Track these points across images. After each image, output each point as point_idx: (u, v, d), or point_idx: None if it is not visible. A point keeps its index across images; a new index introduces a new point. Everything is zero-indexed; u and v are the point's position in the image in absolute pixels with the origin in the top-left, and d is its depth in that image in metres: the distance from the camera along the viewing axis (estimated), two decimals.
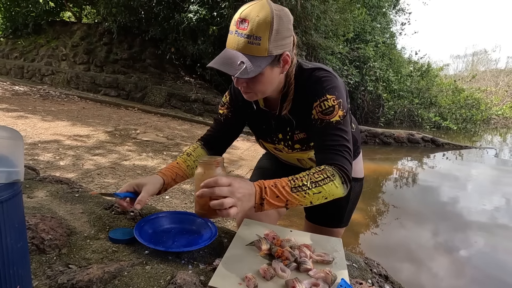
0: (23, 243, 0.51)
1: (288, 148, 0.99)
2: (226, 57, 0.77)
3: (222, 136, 1.04)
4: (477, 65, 22.35)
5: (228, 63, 0.76)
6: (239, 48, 0.76)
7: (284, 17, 0.78)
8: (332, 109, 0.82)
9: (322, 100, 0.83)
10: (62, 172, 2.46)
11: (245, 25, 0.74)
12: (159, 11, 6.42)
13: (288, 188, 0.76)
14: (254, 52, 0.76)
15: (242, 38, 0.75)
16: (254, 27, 0.74)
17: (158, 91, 6.73)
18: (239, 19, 0.75)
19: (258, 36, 0.75)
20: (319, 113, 0.83)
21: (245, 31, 0.74)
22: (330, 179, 0.78)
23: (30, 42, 8.33)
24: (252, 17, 0.74)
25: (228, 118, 1.02)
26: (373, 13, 10.64)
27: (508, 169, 5.36)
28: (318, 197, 0.78)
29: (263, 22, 0.74)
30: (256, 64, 0.76)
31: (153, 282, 0.68)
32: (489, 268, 2.14)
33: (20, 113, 4.24)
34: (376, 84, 9.35)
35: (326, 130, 0.83)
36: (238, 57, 0.76)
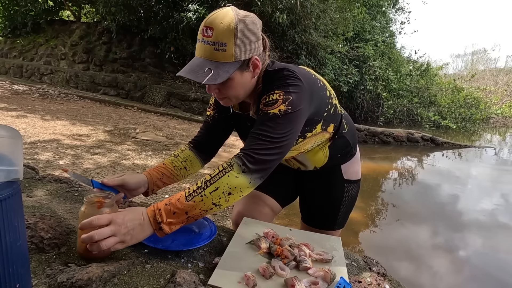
0: (23, 242, 0.51)
1: None
2: (194, 65, 0.79)
3: (210, 137, 1.05)
4: (476, 64, 22.37)
5: (196, 70, 0.77)
6: (206, 55, 0.78)
7: (249, 23, 0.79)
8: (274, 102, 0.78)
9: (269, 94, 0.81)
10: (61, 171, 2.46)
11: (210, 32, 0.76)
12: (159, 10, 6.41)
13: (182, 198, 0.71)
14: (220, 58, 0.77)
15: (208, 45, 0.77)
16: (218, 33, 0.76)
17: (158, 90, 6.73)
18: (204, 27, 0.77)
19: (223, 42, 0.76)
20: (263, 105, 0.81)
21: (210, 38, 0.76)
22: (224, 171, 0.73)
23: (29, 41, 8.32)
24: (216, 24, 0.76)
25: (215, 119, 1.03)
26: (373, 12, 10.64)
27: (507, 168, 5.37)
28: (219, 194, 0.71)
29: (227, 28, 0.76)
30: (224, 70, 0.78)
31: (152, 280, 0.68)
32: (488, 267, 2.14)
33: (19, 112, 4.23)
34: (376, 83, 9.35)
35: (259, 120, 0.79)
36: (206, 64, 0.77)
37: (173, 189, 2.52)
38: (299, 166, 1.08)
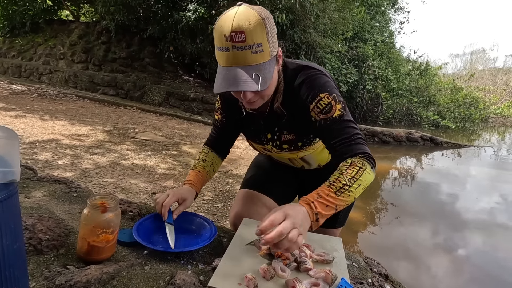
0: (20, 244, 0.50)
1: (277, 148, 0.99)
2: (234, 76, 0.73)
3: (223, 139, 1.08)
4: (475, 64, 22.40)
5: (242, 81, 0.72)
6: (243, 61, 0.73)
7: (268, 15, 0.76)
8: (330, 106, 0.83)
9: (318, 101, 0.83)
10: (60, 171, 2.45)
11: (241, 37, 0.71)
12: (158, 9, 6.40)
13: (332, 193, 0.74)
14: (260, 60, 0.74)
15: (244, 51, 0.72)
16: (252, 35, 0.71)
17: (157, 90, 6.72)
18: (233, 32, 0.71)
19: (258, 43, 0.73)
20: (319, 113, 0.83)
21: (244, 43, 0.71)
22: (362, 169, 0.78)
23: (27, 41, 8.29)
24: (245, 26, 0.71)
25: (223, 123, 1.04)
26: (372, 12, 10.64)
27: (506, 168, 5.38)
28: (360, 190, 0.77)
29: (260, 27, 0.72)
30: (267, 71, 0.75)
31: (152, 282, 0.67)
32: (488, 267, 2.14)
33: (18, 112, 4.22)
34: (375, 83, 9.34)
35: (333, 127, 0.83)
36: (248, 71, 0.73)
37: None
38: (303, 165, 1.08)
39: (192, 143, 4.14)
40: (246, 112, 0.95)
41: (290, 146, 0.96)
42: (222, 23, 0.73)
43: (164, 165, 3.05)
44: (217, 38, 0.75)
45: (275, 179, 1.14)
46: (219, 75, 0.77)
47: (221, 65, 0.77)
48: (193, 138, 4.47)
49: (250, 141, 1.06)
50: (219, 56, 0.77)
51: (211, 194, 2.56)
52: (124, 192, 2.30)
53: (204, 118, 6.10)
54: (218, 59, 0.77)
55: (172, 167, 3.06)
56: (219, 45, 0.75)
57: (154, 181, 2.62)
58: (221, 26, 0.73)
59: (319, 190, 0.76)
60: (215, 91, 0.77)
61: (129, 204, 1.03)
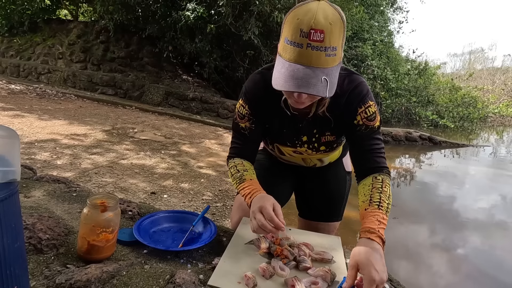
0: (20, 243, 0.50)
1: (312, 150, 0.97)
2: (304, 76, 0.68)
3: (251, 147, 1.00)
4: (474, 63, 22.42)
5: (312, 83, 0.68)
6: (316, 62, 0.68)
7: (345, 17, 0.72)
8: (375, 116, 0.86)
9: (367, 107, 0.85)
10: (59, 171, 2.45)
11: (320, 36, 0.66)
12: (157, 9, 6.38)
13: (384, 215, 0.78)
14: (331, 64, 0.70)
15: (318, 52, 0.67)
16: (331, 37, 0.67)
17: (156, 89, 6.71)
18: (312, 30, 0.66)
19: (334, 46, 0.68)
20: (364, 119, 0.85)
21: (321, 43, 0.67)
22: (389, 185, 0.86)
23: (26, 41, 8.26)
24: (326, 26, 0.66)
25: (253, 130, 0.95)
26: (371, 12, 10.64)
27: (504, 167, 5.40)
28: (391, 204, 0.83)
29: (338, 30, 0.68)
30: (334, 76, 0.72)
31: (152, 281, 0.67)
32: (486, 266, 2.15)
33: (16, 112, 4.21)
34: (374, 82, 9.36)
35: (370, 135, 0.87)
36: (318, 74, 0.68)
37: (172, 189, 2.51)
38: (316, 163, 1.09)
39: (191, 143, 4.14)
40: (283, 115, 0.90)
41: (327, 147, 0.96)
42: (300, 15, 0.68)
43: (163, 165, 3.05)
44: (291, 30, 0.69)
45: (275, 178, 1.15)
46: (283, 71, 0.71)
47: (286, 60, 0.71)
48: (192, 137, 4.47)
49: (276, 145, 1.02)
50: (287, 50, 0.70)
51: (210, 194, 2.56)
52: (123, 191, 2.30)
53: (203, 117, 6.10)
54: (284, 52, 0.71)
55: (171, 166, 3.06)
56: (292, 39, 0.69)
57: (153, 180, 2.62)
58: (298, 19, 0.67)
59: (376, 215, 0.77)
60: (280, 88, 0.71)
61: (129, 204, 1.03)
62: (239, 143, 0.98)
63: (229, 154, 1.01)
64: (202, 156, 3.59)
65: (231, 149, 1.00)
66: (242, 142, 0.98)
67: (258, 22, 5.71)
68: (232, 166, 0.96)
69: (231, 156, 0.99)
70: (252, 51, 6.25)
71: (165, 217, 0.95)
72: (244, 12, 5.70)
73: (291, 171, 1.16)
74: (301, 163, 1.10)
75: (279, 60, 0.74)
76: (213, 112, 6.35)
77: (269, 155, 1.16)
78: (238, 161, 0.96)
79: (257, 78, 0.91)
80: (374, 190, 0.81)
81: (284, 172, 1.16)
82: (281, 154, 1.07)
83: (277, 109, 0.90)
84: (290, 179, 1.18)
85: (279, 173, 1.15)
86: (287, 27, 0.70)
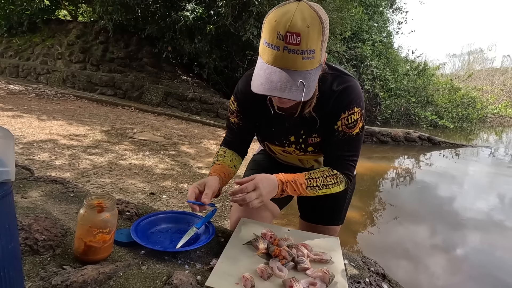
0: (15, 244, 0.50)
1: (300, 151, 0.97)
2: (279, 80, 0.68)
3: (240, 141, 1.05)
4: (473, 64, 22.47)
5: (287, 87, 0.67)
6: (291, 65, 0.68)
7: (326, 18, 0.70)
8: (356, 123, 0.85)
9: (350, 114, 0.84)
10: (58, 171, 2.44)
11: (297, 39, 0.65)
12: (156, 9, 6.38)
13: (304, 186, 0.86)
14: (308, 67, 0.69)
15: (295, 55, 0.67)
16: (308, 40, 0.66)
17: (155, 90, 6.70)
18: (288, 32, 0.65)
19: (312, 49, 0.67)
20: (344, 126, 0.85)
21: (297, 46, 0.66)
22: (338, 183, 0.89)
23: (25, 41, 8.25)
24: (303, 28, 0.65)
25: (240, 126, 0.99)
26: (370, 12, 10.65)
27: (503, 168, 5.40)
28: (323, 194, 0.90)
29: (317, 32, 0.67)
30: (312, 79, 0.71)
31: (149, 282, 0.67)
32: (484, 266, 2.15)
33: (15, 112, 4.20)
34: (373, 83, 9.36)
35: (345, 142, 0.87)
36: (295, 77, 0.68)
37: (171, 189, 2.50)
38: (312, 164, 1.09)
39: (190, 143, 4.13)
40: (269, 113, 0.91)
41: (315, 148, 0.95)
42: (278, 17, 0.67)
43: (162, 165, 3.05)
44: (268, 32, 0.68)
45: None
46: (261, 72, 0.70)
47: (264, 61, 0.71)
48: (192, 138, 4.47)
49: (266, 143, 1.03)
50: (265, 51, 0.70)
51: None
52: (122, 192, 2.30)
53: (203, 118, 6.09)
54: (263, 53, 0.71)
55: (171, 167, 3.05)
56: (269, 41, 0.68)
57: (152, 181, 2.61)
58: (276, 21, 0.67)
59: (297, 177, 0.86)
60: (255, 91, 0.71)
61: (127, 204, 1.02)
62: (228, 138, 1.06)
63: (221, 142, 1.09)
64: (201, 157, 3.59)
65: (223, 139, 1.08)
66: (231, 137, 1.05)
67: (257, 22, 5.71)
68: (217, 153, 1.05)
69: (221, 145, 1.08)
70: (251, 51, 6.25)
71: (163, 217, 0.95)
72: (243, 12, 5.70)
73: (290, 172, 1.16)
74: (299, 164, 1.09)
75: (259, 61, 0.74)
76: (213, 112, 6.35)
77: (269, 155, 1.16)
78: (222, 149, 1.05)
79: (248, 78, 0.92)
80: (320, 172, 0.89)
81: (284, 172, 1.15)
82: (272, 153, 1.08)
83: (264, 108, 0.92)
84: None
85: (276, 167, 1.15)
86: (266, 28, 0.70)
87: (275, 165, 1.15)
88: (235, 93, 0.97)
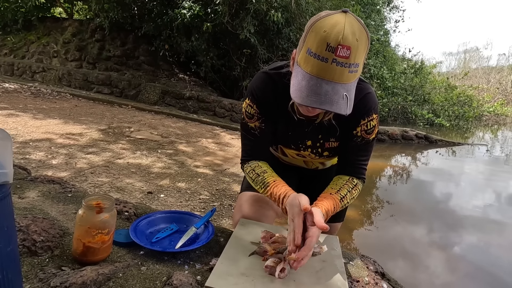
0: (13, 246, 0.49)
1: (315, 155, 0.98)
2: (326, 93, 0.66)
3: (263, 146, 0.97)
4: (469, 62, 22.60)
5: (334, 100, 0.66)
6: (338, 78, 0.66)
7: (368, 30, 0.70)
8: (374, 129, 0.88)
9: (369, 120, 0.86)
10: (54, 171, 2.42)
11: (347, 52, 0.64)
12: (152, 7, 6.34)
13: (338, 208, 0.85)
14: (351, 79, 0.69)
15: (343, 68, 0.66)
16: (356, 54, 0.66)
17: (152, 88, 6.67)
18: (340, 45, 0.64)
19: (357, 63, 0.67)
20: (363, 131, 0.87)
21: (347, 60, 0.65)
22: (359, 192, 0.91)
23: (20, 39, 8.17)
24: (353, 42, 0.65)
25: (263, 130, 0.92)
26: (367, 11, 10.66)
27: (499, 165, 5.45)
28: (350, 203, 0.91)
29: (364, 47, 0.67)
30: (352, 91, 0.70)
31: (148, 283, 0.67)
32: (481, 263, 2.17)
33: (10, 111, 4.16)
34: (370, 81, 9.38)
35: (363, 147, 0.90)
36: (340, 90, 0.67)
37: (168, 188, 2.50)
38: (317, 166, 1.09)
39: (188, 142, 4.12)
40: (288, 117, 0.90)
41: (330, 153, 0.96)
42: (327, 28, 0.65)
43: (159, 164, 3.04)
44: (316, 42, 0.66)
45: None
46: (304, 83, 0.68)
47: (307, 72, 0.68)
48: (189, 136, 4.46)
49: (280, 146, 1.02)
50: (309, 62, 0.67)
51: (207, 193, 2.55)
52: (119, 191, 2.29)
53: (200, 116, 6.08)
54: (306, 63, 0.68)
55: (168, 166, 3.04)
56: (316, 52, 0.66)
57: (149, 180, 2.60)
58: (325, 32, 0.65)
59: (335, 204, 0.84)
60: (302, 103, 0.68)
61: (125, 204, 1.02)
62: (250, 145, 0.95)
63: (243, 157, 0.97)
64: (199, 155, 3.58)
65: (243, 152, 0.97)
66: (253, 143, 0.95)
67: (255, 20, 5.70)
68: (250, 171, 0.93)
69: (246, 160, 0.96)
70: (248, 49, 6.24)
71: (162, 217, 0.95)
72: (240, 10, 5.68)
73: (294, 172, 1.16)
74: (303, 165, 1.10)
75: (298, 70, 0.71)
76: (210, 111, 6.33)
77: (272, 155, 1.16)
78: (254, 164, 0.93)
79: (265, 78, 0.89)
80: (346, 186, 0.88)
81: (287, 172, 1.15)
82: (284, 155, 1.07)
83: (283, 111, 0.89)
84: (293, 180, 1.17)
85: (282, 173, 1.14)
86: (312, 37, 0.67)
87: (279, 164, 1.14)
88: (252, 94, 0.90)
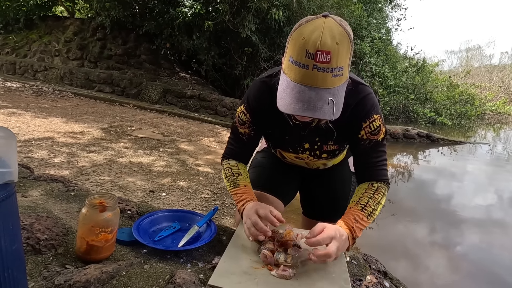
0: (18, 245, 0.49)
1: (314, 157, 0.98)
2: (309, 99, 0.66)
3: (247, 151, 1.01)
4: (471, 60, 22.47)
5: (318, 106, 0.67)
6: (322, 83, 0.66)
7: (351, 32, 0.69)
8: (379, 129, 0.86)
9: (371, 121, 0.85)
10: (56, 169, 2.43)
11: (327, 57, 0.64)
12: (154, 5, 6.33)
13: (365, 218, 0.82)
14: (337, 83, 0.68)
15: (325, 73, 0.65)
16: (338, 58, 0.65)
17: (154, 87, 6.67)
18: (318, 51, 0.64)
19: (341, 66, 0.67)
20: (368, 133, 0.86)
21: (327, 64, 0.65)
22: (384, 194, 0.87)
23: (22, 38, 8.18)
24: (333, 46, 0.64)
25: (251, 137, 0.96)
26: (369, 9, 10.61)
27: (501, 164, 5.43)
28: (380, 211, 0.88)
29: (346, 49, 0.66)
30: (340, 95, 0.70)
31: (152, 281, 0.67)
32: (483, 263, 2.17)
33: (12, 110, 4.17)
34: (372, 80, 9.35)
35: (373, 148, 0.88)
36: (324, 95, 0.67)
37: (170, 187, 2.50)
38: (319, 166, 1.09)
39: (189, 141, 4.12)
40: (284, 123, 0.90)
41: (329, 155, 0.96)
42: (306, 34, 0.65)
43: (161, 163, 3.04)
44: (295, 50, 0.66)
45: (279, 178, 1.14)
46: (288, 91, 0.69)
47: (291, 80, 0.68)
48: (190, 135, 4.46)
49: (278, 150, 1.02)
50: (292, 70, 0.68)
51: (209, 192, 2.55)
52: (121, 190, 2.29)
53: (201, 115, 6.08)
54: (289, 71, 0.69)
55: (169, 164, 3.05)
56: (297, 59, 0.66)
57: (151, 178, 2.61)
58: (304, 39, 0.65)
59: (355, 214, 0.81)
60: (286, 111, 0.69)
61: (128, 203, 1.02)
62: (235, 146, 1.00)
63: (224, 153, 1.02)
64: (200, 154, 3.59)
65: (227, 149, 1.01)
66: (238, 146, 0.99)
67: (256, 19, 5.68)
68: (227, 168, 0.97)
69: (226, 157, 1.01)
70: (250, 48, 6.23)
71: (165, 216, 0.95)
72: (242, 9, 5.67)
73: (296, 172, 1.16)
74: (305, 166, 1.10)
75: (283, 78, 0.71)
76: (211, 109, 6.33)
77: (273, 154, 1.16)
78: (233, 163, 0.98)
79: (262, 87, 0.90)
80: (365, 194, 0.85)
81: (289, 171, 1.15)
82: (283, 158, 1.08)
83: (279, 117, 0.89)
84: (294, 178, 1.17)
85: (283, 173, 1.14)
86: (292, 45, 0.68)
87: (281, 164, 1.14)
88: (247, 102, 0.92)
